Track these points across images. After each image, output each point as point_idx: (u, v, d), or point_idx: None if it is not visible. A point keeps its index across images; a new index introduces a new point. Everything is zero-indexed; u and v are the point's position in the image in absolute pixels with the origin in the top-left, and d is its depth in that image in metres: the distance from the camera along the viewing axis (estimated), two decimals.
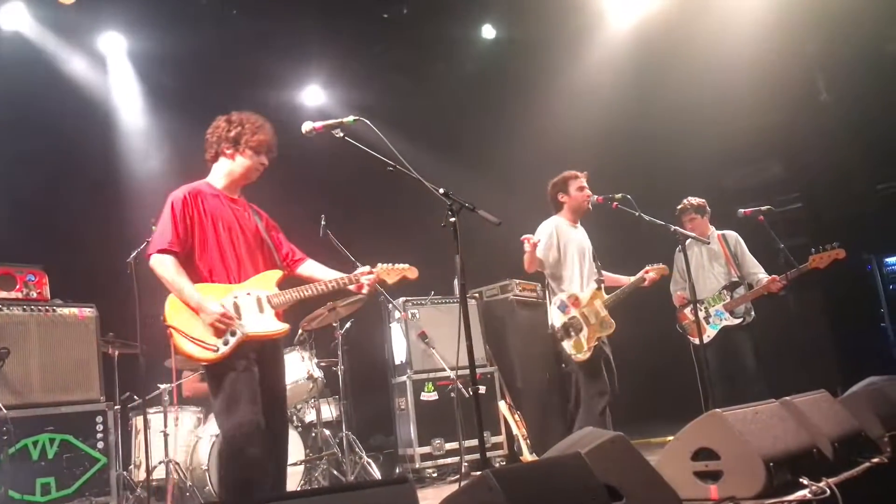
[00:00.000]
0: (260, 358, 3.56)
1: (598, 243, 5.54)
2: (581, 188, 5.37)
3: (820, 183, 8.20)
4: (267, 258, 3.79)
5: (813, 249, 5.56)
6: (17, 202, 6.32)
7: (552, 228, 5.29)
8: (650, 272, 5.37)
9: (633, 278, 5.41)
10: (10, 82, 6.57)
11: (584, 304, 5.14)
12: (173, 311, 3.51)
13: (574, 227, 5.41)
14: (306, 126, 3.49)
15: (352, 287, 3.81)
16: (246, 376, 3.44)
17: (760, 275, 5.90)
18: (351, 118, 3.41)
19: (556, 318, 5.18)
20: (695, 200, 6.13)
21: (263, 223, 3.86)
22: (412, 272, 4.03)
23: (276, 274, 3.76)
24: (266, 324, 3.59)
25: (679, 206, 6.17)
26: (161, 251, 3.53)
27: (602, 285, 5.28)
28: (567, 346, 5.10)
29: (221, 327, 3.44)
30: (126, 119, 7.58)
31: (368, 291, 3.87)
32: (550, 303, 5.29)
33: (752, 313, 5.94)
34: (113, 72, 7.51)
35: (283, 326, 3.65)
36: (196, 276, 3.56)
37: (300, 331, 5.90)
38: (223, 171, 3.79)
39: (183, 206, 3.60)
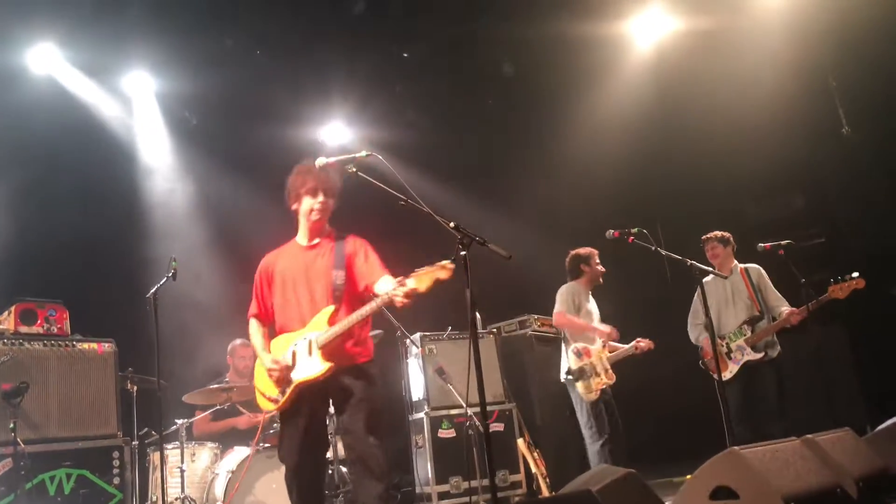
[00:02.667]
0: (322, 404, 3.85)
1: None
2: (598, 263, 6.17)
3: (843, 217, 8.10)
4: (329, 295, 3.85)
5: (832, 279, 5.49)
6: (40, 237, 6.43)
7: (573, 291, 6.10)
8: (641, 343, 6.08)
9: (627, 346, 6.09)
10: (40, 121, 6.76)
11: (593, 356, 5.93)
12: (256, 368, 3.96)
13: (588, 294, 6.17)
14: (320, 161, 3.55)
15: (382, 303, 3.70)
16: (296, 437, 3.78)
17: (783, 308, 5.80)
18: (363, 153, 3.45)
19: (572, 362, 5.94)
20: (719, 233, 6.11)
21: (345, 255, 3.92)
22: (444, 271, 3.55)
23: (328, 311, 3.80)
24: (309, 367, 3.70)
25: (703, 237, 6.15)
26: (249, 317, 4.08)
27: (606, 345, 6.04)
28: (580, 386, 5.86)
29: (274, 377, 3.76)
30: (150, 156, 7.72)
31: (408, 304, 3.63)
32: (567, 349, 6.02)
33: (777, 348, 5.83)
34: (139, 111, 7.67)
35: (321, 368, 3.67)
36: (277, 332, 3.95)
37: None
38: (299, 220, 4.06)
39: (259, 278, 4.07)
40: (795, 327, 5.74)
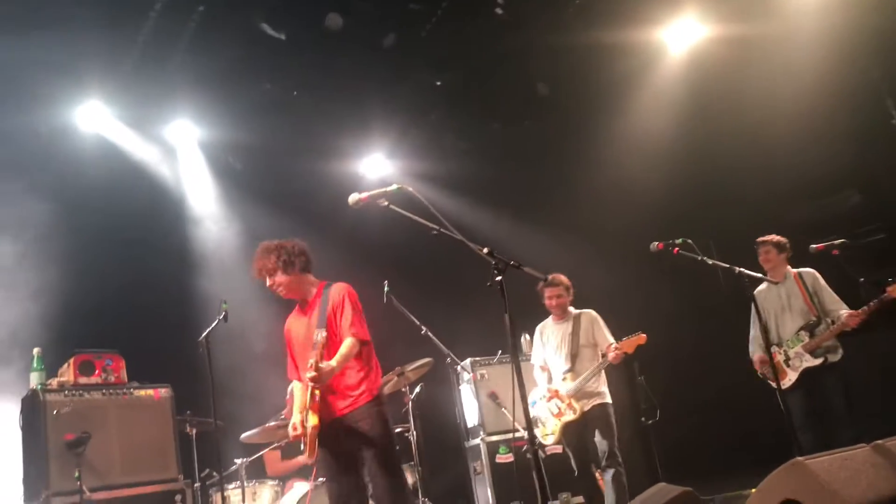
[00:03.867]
0: (338, 454, 4.13)
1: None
2: (548, 297, 5.96)
3: None
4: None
5: (890, 279, 5.25)
6: (95, 289, 6.58)
7: (537, 334, 6.09)
8: (611, 352, 5.63)
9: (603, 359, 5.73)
10: (91, 176, 6.98)
11: (549, 398, 5.76)
12: None
13: (559, 322, 6.00)
14: (353, 198, 3.57)
15: None
16: (329, 488, 4.20)
17: (842, 311, 5.57)
18: (394, 186, 3.46)
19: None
20: (776, 237, 5.91)
21: (327, 312, 4.15)
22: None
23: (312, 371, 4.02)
24: (308, 422, 4.01)
25: (759, 239, 5.95)
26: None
27: (568, 375, 5.73)
28: (538, 433, 5.75)
29: (295, 435, 4.09)
30: (197, 202, 7.90)
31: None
32: None
33: (840, 352, 5.60)
34: (184, 159, 7.87)
35: (310, 424, 3.96)
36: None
37: None
38: None
39: (286, 341, 4.42)
40: (861, 328, 5.50)
